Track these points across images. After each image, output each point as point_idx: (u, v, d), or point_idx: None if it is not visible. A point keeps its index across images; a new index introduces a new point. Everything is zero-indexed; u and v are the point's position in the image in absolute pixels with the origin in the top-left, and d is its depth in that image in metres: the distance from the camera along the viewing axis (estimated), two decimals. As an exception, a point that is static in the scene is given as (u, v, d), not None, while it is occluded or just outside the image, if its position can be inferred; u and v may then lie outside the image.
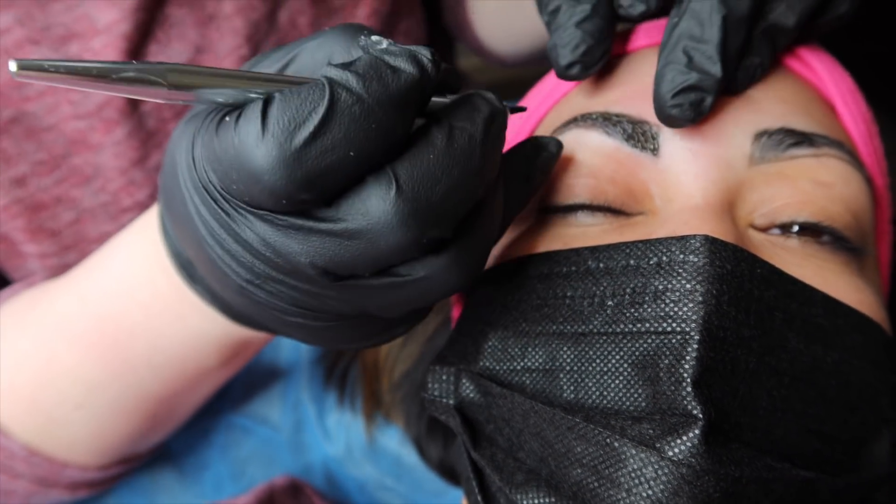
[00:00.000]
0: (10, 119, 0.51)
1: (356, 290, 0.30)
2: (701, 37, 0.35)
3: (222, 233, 0.30)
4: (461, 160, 0.29)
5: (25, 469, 0.47)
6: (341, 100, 0.26)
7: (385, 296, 0.31)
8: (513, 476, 0.35)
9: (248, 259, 0.30)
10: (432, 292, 0.31)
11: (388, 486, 0.58)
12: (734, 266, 0.33)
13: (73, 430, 0.47)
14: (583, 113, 0.39)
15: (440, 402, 0.38)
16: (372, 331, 0.36)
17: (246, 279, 0.31)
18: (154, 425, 0.49)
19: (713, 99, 0.36)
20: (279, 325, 0.34)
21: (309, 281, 0.30)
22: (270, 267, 0.30)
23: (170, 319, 0.41)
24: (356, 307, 0.32)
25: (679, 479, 0.30)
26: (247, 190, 0.27)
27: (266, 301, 0.32)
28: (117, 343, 0.43)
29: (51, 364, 0.45)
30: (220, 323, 0.40)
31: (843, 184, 0.37)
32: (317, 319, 0.32)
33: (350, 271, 0.29)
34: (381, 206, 0.28)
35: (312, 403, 0.59)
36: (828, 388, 0.34)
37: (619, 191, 0.37)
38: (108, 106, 0.52)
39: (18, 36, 0.50)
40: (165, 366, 0.44)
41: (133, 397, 0.46)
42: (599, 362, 0.34)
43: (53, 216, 0.53)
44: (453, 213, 0.29)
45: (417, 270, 0.30)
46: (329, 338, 0.35)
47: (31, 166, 0.52)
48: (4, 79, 0.50)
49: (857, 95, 0.42)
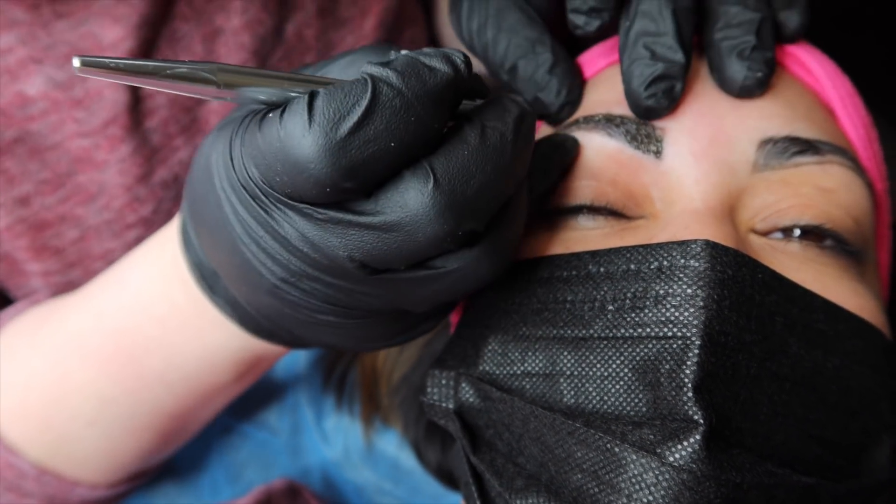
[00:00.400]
0: (14, 139, 0.51)
1: (391, 284, 0.31)
2: (657, 31, 0.37)
3: (260, 230, 0.31)
4: (494, 157, 0.30)
5: (35, 488, 0.47)
6: (382, 93, 0.28)
7: (418, 289, 0.32)
8: (512, 481, 0.34)
9: (285, 256, 0.31)
10: (464, 284, 0.32)
11: (385, 490, 0.58)
12: (735, 271, 0.33)
13: (85, 447, 0.47)
14: (585, 115, 0.39)
15: (439, 406, 0.38)
16: (399, 328, 0.36)
17: (281, 277, 0.31)
18: (165, 442, 0.49)
19: (682, 85, 0.37)
20: (308, 327, 0.34)
21: (345, 276, 0.31)
22: (307, 264, 0.30)
23: (187, 335, 0.42)
24: (389, 302, 0.32)
25: (680, 485, 0.30)
26: (291, 181, 0.28)
27: (299, 300, 0.32)
28: (132, 359, 0.43)
29: (64, 381, 0.45)
30: (238, 337, 0.40)
31: (846, 190, 0.37)
32: (348, 317, 0.33)
33: (386, 264, 0.30)
34: (419, 198, 0.29)
35: (310, 407, 0.59)
36: (828, 393, 0.34)
37: (620, 193, 0.37)
38: (113, 123, 0.52)
39: (21, 55, 0.50)
40: (180, 382, 0.44)
41: (146, 414, 0.46)
42: (600, 367, 0.34)
43: (57, 234, 0.53)
44: (487, 208, 0.30)
45: (451, 263, 0.31)
46: (356, 336, 0.36)
47: (34, 185, 0.52)
48: (7, 99, 0.50)
49: (856, 99, 0.42)
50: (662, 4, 0.37)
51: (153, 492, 0.58)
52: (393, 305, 0.33)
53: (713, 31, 0.38)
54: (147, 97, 0.53)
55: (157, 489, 0.58)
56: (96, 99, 0.52)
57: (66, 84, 0.51)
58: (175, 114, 0.54)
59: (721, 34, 0.38)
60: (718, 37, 0.38)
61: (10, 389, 0.46)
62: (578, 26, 0.39)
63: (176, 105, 0.54)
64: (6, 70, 0.50)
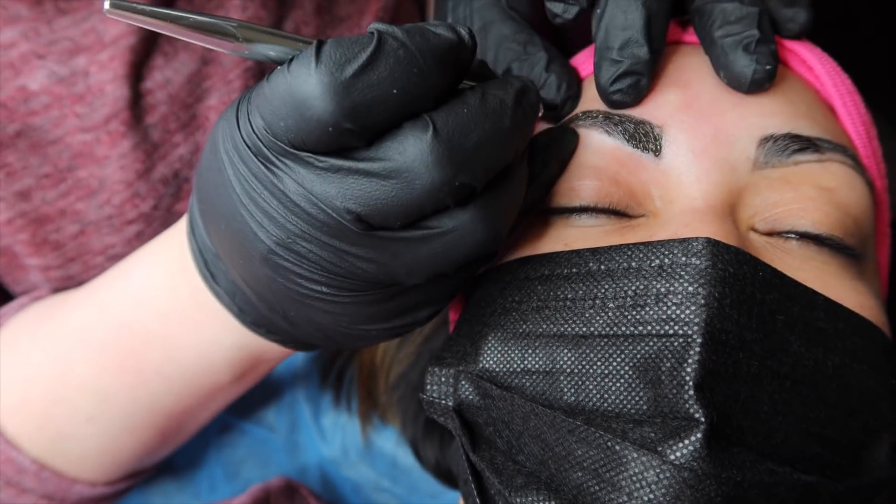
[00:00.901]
0: (16, 133, 0.51)
1: (385, 245, 0.31)
2: (625, 23, 0.38)
3: (259, 187, 0.31)
4: (492, 118, 0.31)
5: (34, 484, 0.47)
6: (387, 43, 0.29)
7: (413, 252, 0.32)
8: (512, 479, 0.34)
9: (283, 213, 0.31)
10: (460, 249, 0.32)
11: (383, 488, 0.58)
12: (736, 269, 0.32)
13: (83, 444, 0.47)
14: (584, 110, 0.39)
15: (439, 403, 0.38)
16: (394, 309, 0.36)
17: (276, 240, 0.32)
18: (163, 441, 0.49)
19: (648, 79, 0.38)
20: (301, 304, 0.34)
21: (341, 234, 0.31)
22: (304, 220, 0.31)
23: (186, 328, 0.42)
24: (383, 268, 0.32)
25: (681, 483, 0.30)
26: (294, 124, 0.29)
27: (293, 265, 0.32)
28: (133, 353, 0.44)
29: (65, 376, 0.45)
30: (235, 331, 0.41)
31: (846, 188, 0.37)
32: (342, 288, 0.33)
33: (383, 218, 0.30)
34: (417, 145, 0.30)
35: (308, 404, 0.59)
36: (828, 391, 0.34)
37: (622, 193, 0.37)
38: (114, 119, 0.52)
39: (24, 50, 0.50)
40: (178, 379, 0.44)
41: (144, 412, 0.46)
42: (600, 365, 0.34)
43: (58, 229, 0.53)
44: (484, 164, 0.31)
45: (446, 222, 0.32)
46: (350, 317, 0.35)
47: (35, 180, 0.52)
48: (9, 93, 0.50)
49: (856, 97, 0.42)
50: None
51: (151, 489, 0.58)
52: (387, 273, 0.32)
53: (712, 29, 0.38)
54: (147, 94, 0.53)
55: (154, 487, 0.58)
56: (98, 94, 0.52)
57: (68, 79, 0.51)
58: (175, 110, 0.54)
59: (722, 31, 0.38)
60: (720, 34, 0.38)
61: (11, 385, 0.46)
62: (557, 14, 0.40)
63: (176, 102, 0.54)
64: (8, 64, 0.50)
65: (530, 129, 0.34)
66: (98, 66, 0.51)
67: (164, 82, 0.54)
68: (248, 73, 0.56)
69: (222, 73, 0.55)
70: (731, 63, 0.38)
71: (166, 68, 0.54)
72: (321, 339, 0.38)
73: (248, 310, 0.39)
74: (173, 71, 0.54)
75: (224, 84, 0.56)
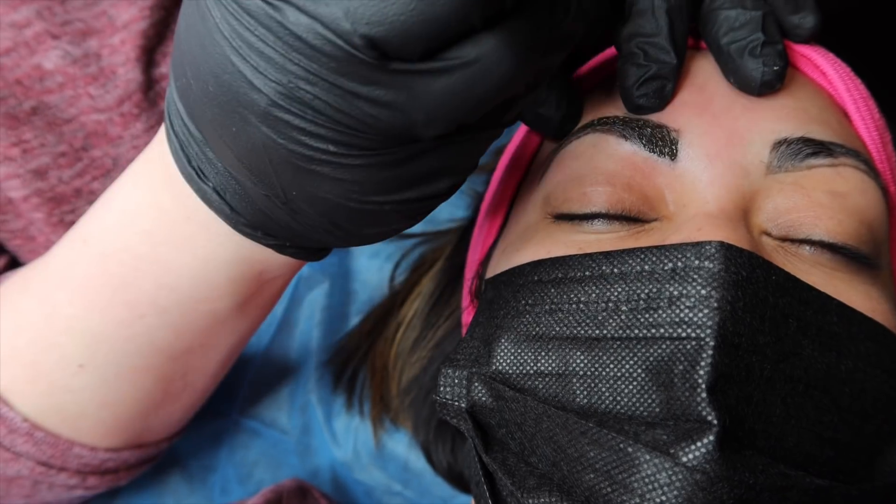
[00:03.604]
0: (32, 109, 0.51)
1: (402, 82, 0.27)
2: (650, 31, 0.38)
3: (254, 24, 0.27)
4: None
5: (29, 447, 0.44)
6: None
7: (433, 88, 0.28)
8: (525, 480, 0.34)
9: (284, 53, 0.27)
10: (485, 80, 0.28)
11: (395, 491, 0.58)
12: (749, 273, 0.33)
13: (78, 398, 0.43)
14: (601, 116, 0.39)
15: (451, 405, 0.38)
16: (409, 179, 0.32)
17: (275, 89, 0.28)
18: (167, 392, 0.45)
19: (673, 85, 0.38)
20: (304, 177, 0.31)
21: (351, 71, 0.27)
22: (309, 59, 0.27)
23: (176, 246, 0.38)
24: (399, 114, 0.28)
25: (693, 486, 0.30)
26: None
27: (296, 121, 0.28)
28: (122, 284, 0.40)
29: (51, 318, 0.41)
30: (231, 242, 0.37)
31: (859, 194, 0.37)
32: (350, 146, 0.29)
33: (401, 42, 0.26)
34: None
35: (320, 407, 0.59)
36: (842, 395, 0.34)
37: (635, 198, 0.37)
38: (128, 101, 0.53)
39: (38, 29, 0.51)
40: (174, 308, 0.40)
41: (140, 352, 0.42)
42: (613, 367, 0.34)
43: (73, 209, 0.53)
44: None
45: (468, 52, 0.27)
46: (360, 185, 0.31)
47: (52, 158, 0.52)
48: (26, 71, 0.51)
49: (869, 102, 0.42)
50: (656, 4, 0.38)
51: (163, 489, 0.58)
52: (403, 121, 0.28)
53: (718, 36, 0.39)
54: (161, 79, 0.54)
55: (167, 487, 0.58)
56: (110, 77, 0.53)
57: (82, 60, 0.52)
58: None
59: (727, 38, 0.38)
60: (725, 41, 0.38)
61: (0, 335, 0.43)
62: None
63: None
64: (24, 43, 0.51)
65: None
66: (110, 49, 0.52)
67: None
68: None
69: None
70: (739, 68, 0.38)
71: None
72: (325, 230, 0.34)
73: (241, 207, 0.35)
74: None
75: None
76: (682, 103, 0.39)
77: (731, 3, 0.39)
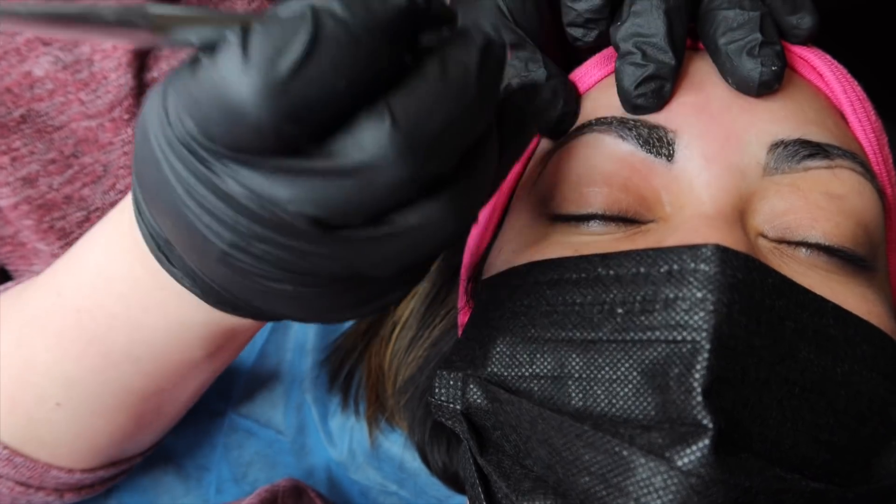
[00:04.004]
0: (21, 117, 0.52)
1: (347, 244, 0.28)
2: (648, 31, 0.38)
3: (202, 189, 0.28)
4: (456, 91, 0.27)
5: (8, 470, 0.46)
6: (326, 26, 0.25)
7: (378, 249, 0.29)
8: (520, 483, 0.34)
9: (232, 216, 0.28)
10: (430, 242, 0.29)
11: (390, 491, 0.58)
12: (745, 275, 0.33)
13: (55, 429, 0.45)
14: (598, 117, 0.39)
15: (447, 406, 0.38)
16: (364, 297, 0.33)
17: (229, 242, 0.28)
18: (140, 425, 0.48)
19: (672, 85, 0.38)
20: (265, 297, 0.31)
21: (298, 235, 0.28)
22: (256, 222, 0.27)
23: (150, 309, 0.39)
24: (348, 265, 0.29)
25: (688, 489, 0.30)
26: (229, 131, 0.25)
27: (251, 267, 0.29)
28: (96, 338, 0.41)
29: (29, 362, 0.43)
30: (202, 310, 0.37)
31: (856, 195, 0.37)
32: (305, 284, 0.30)
33: (343, 218, 0.27)
34: (376, 137, 0.26)
35: (316, 407, 0.59)
36: (838, 398, 0.34)
37: (632, 199, 0.37)
38: (118, 106, 0.53)
39: (29, 36, 0.51)
40: (147, 359, 0.42)
41: (114, 394, 0.44)
42: (608, 370, 0.34)
43: (64, 216, 0.53)
44: (451, 147, 0.28)
45: (413, 218, 0.28)
46: (319, 307, 0.32)
47: (41, 165, 0.52)
48: (16, 78, 0.51)
49: (866, 104, 0.42)
50: (654, 4, 0.38)
51: (157, 489, 0.58)
52: (352, 269, 0.29)
53: (716, 36, 0.39)
54: (152, 83, 0.54)
55: (161, 487, 0.58)
56: (101, 82, 0.53)
57: (73, 66, 0.52)
58: None
59: (725, 38, 0.38)
60: (723, 41, 0.38)
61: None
62: (577, 38, 0.40)
63: None
64: (14, 50, 0.51)
65: (497, 90, 0.30)
66: (102, 54, 0.52)
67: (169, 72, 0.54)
68: None
69: None
70: (737, 68, 0.38)
71: (171, 58, 0.54)
72: (288, 316, 0.35)
73: (210, 292, 0.35)
74: (178, 62, 0.55)
75: None
76: (679, 104, 0.39)
77: (729, 3, 0.39)
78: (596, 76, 0.43)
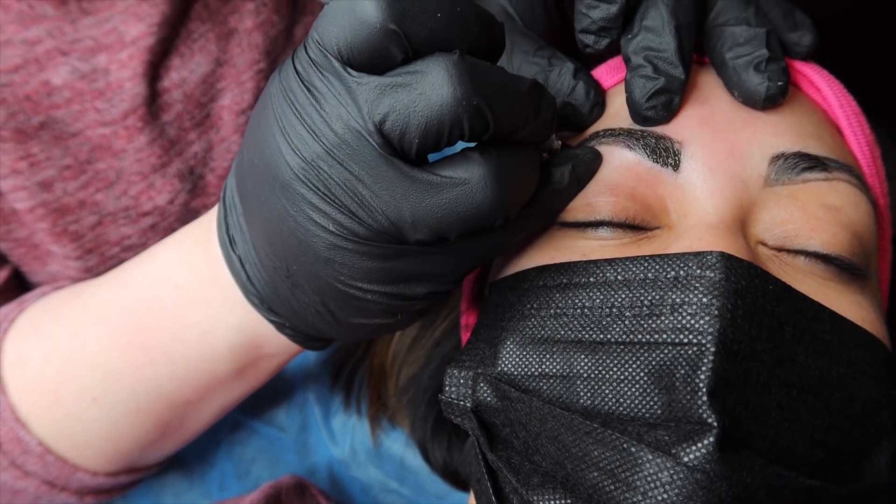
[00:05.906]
0: (40, 124, 0.53)
1: (398, 179, 0.33)
2: (659, 46, 0.39)
3: (299, 103, 0.34)
4: (513, 78, 0.34)
5: (38, 468, 0.48)
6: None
7: (422, 196, 0.34)
8: (529, 478, 0.36)
9: (315, 130, 0.33)
10: (468, 203, 0.34)
11: (391, 489, 0.58)
12: (748, 282, 0.34)
13: (87, 429, 0.47)
14: (606, 128, 0.41)
15: (457, 404, 0.39)
16: (394, 273, 0.37)
17: (302, 160, 0.34)
18: (164, 433, 0.50)
19: (680, 99, 0.40)
20: (305, 247, 0.36)
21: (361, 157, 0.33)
22: (330, 142, 0.33)
23: (195, 303, 0.43)
24: (391, 208, 0.34)
25: (693, 484, 0.31)
26: (347, 25, 0.32)
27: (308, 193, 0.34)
28: (144, 329, 0.44)
29: (78, 352, 0.46)
30: (240, 309, 0.42)
31: (852, 207, 0.39)
32: (346, 231, 0.35)
33: (402, 129, 0.32)
34: (443, 62, 0.32)
35: (318, 405, 0.60)
36: (833, 400, 0.35)
37: (638, 207, 0.39)
38: (132, 114, 0.54)
39: (49, 46, 0.52)
40: (181, 361, 0.45)
41: (146, 394, 0.46)
42: (617, 370, 0.35)
43: (77, 220, 0.55)
44: (498, 98, 0.33)
45: (459, 172, 0.34)
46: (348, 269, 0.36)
47: (57, 171, 0.54)
48: (34, 87, 0.52)
49: (861, 118, 0.44)
50: (665, 20, 0.39)
51: (162, 486, 0.59)
52: (393, 215, 0.34)
53: (723, 51, 0.40)
54: (164, 92, 0.56)
55: (166, 484, 0.59)
56: (117, 91, 0.54)
57: (90, 76, 0.54)
58: (189, 109, 0.57)
59: (732, 53, 0.40)
60: (730, 56, 0.40)
61: (29, 362, 0.47)
62: (588, 45, 0.41)
63: (191, 101, 0.57)
64: (34, 60, 0.52)
65: (543, 119, 0.36)
66: (118, 64, 0.54)
67: (180, 82, 0.56)
68: (260, 75, 0.59)
69: (235, 75, 0.58)
70: (744, 82, 0.39)
71: (182, 68, 0.56)
72: (317, 311, 0.39)
73: (255, 278, 0.40)
74: (189, 71, 0.56)
75: (237, 85, 0.58)
76: (685, 116, 0.40)
77: (735, 19, 0.40)
78: (604, 85, 0.44)
